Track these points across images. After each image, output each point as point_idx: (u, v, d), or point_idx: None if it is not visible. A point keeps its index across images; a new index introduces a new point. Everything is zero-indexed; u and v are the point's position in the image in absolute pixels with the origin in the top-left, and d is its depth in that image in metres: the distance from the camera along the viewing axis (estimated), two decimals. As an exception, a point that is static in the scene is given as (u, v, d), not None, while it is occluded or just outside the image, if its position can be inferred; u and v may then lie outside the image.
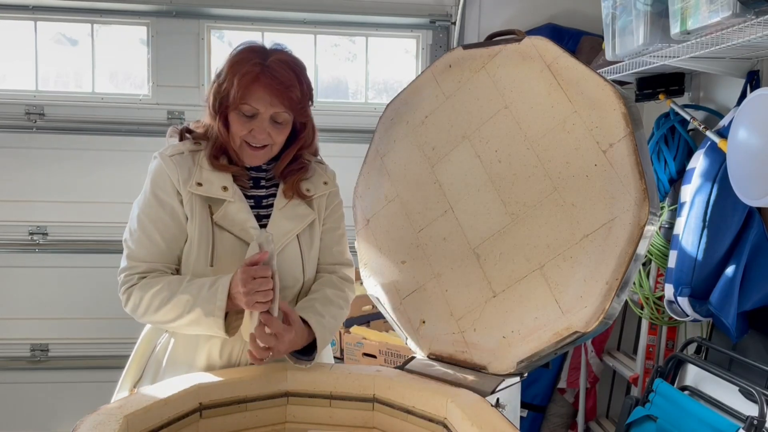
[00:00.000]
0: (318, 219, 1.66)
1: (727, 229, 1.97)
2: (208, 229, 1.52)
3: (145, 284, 1.50)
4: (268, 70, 1.48)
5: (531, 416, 2.97)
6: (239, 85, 1.47)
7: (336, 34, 3.46)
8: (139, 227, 1.53)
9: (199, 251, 1.52)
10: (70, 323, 3.23)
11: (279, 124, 1.54)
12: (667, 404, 2.01)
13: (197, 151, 1.57)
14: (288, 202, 1.60)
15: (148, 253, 1.52)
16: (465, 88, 1.62)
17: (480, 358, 1.48)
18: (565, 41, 2.97)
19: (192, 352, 1.55)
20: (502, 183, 1.51)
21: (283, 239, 1.57)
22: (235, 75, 1.48)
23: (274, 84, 1.48)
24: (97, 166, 3.18)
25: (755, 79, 2.05)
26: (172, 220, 1.53)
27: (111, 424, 1.16)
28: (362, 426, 1.48)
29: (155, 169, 1.55)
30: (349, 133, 3.29)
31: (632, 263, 1.28)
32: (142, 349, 1.63)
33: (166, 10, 3.18)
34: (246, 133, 1.52)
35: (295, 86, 1.51)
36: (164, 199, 1.53)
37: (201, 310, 1.45)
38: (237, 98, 1.48)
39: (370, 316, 2.87)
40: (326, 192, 1.68)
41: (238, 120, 1.52)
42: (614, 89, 1.36)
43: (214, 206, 1.53)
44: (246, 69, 1.48)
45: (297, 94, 1.51)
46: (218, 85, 1.52)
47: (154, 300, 1.48)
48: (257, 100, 1.49)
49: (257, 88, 1.48)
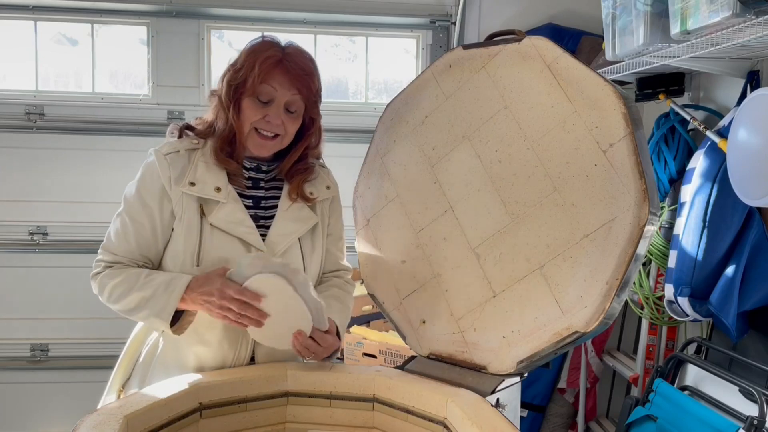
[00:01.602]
0: (321, 224, 1.66)
1: (727, 229, 1.97)
2: (196, 229, 1.52)
3: (109, 274, 1.53)
4: (289, 57, 1.52)
5: (531, 416, 2.97)
6: (260, 68, 1.49)
7: (336, 34, 3.46)
8: (120, 221, 1.56)
9: (185, 250, 1.52)
10: (70, 323, 3.23)
11: (292, 114, 1.55)
12: (667, 404, 2.01)
13: (194, 150, 1.56)
14: (291, 205, 1.60)
15: (119, 248, 1.55)
16: (465, 88, 1.62)
17: (480, 358, 1.48)
18: (565, 41, 2.97)
19: (182, 354, 1.55)
20: (502, 183, 1.51)
21: (285, 241, 1.57)
22: (256, 60, 1.50)
23: (296, 69, 1.52)
24: (97, 166, 3.19)
25: (755, 79, 2.05)
26: (148, 224, 1.53)
27: (111, 424, 1.16)
28: (362, 426, 1.48)
29: (148, 166, 1.55)
30: (349, 133, 3.29)
31: (632, 263, 1.28)
32: (132, 351, 1.64)
33: (166, 10, 3.18)
34: (259, 118, 1.52)
35: (314, 75, 1.56)
36: (147, 202, 1.53)
37: (150, 310, 1.48)
38: (256, 81, 1.50)
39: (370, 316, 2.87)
40: (329, 196, 1.69)
41: (252, 105, 1.52)
42: (614, 89, 1.36)
43: (207, 207, 1.53)
44: (268, 54, 1.51)
45: (315, 84, 1.56)
46: (234, 72, 1.53)
47: (114, 291, 1.51)
48: (277, 83, 1.51)
49: (278, 72, 1.51)
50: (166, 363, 1.55)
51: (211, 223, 1.52)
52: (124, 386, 1.61)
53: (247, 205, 1.57)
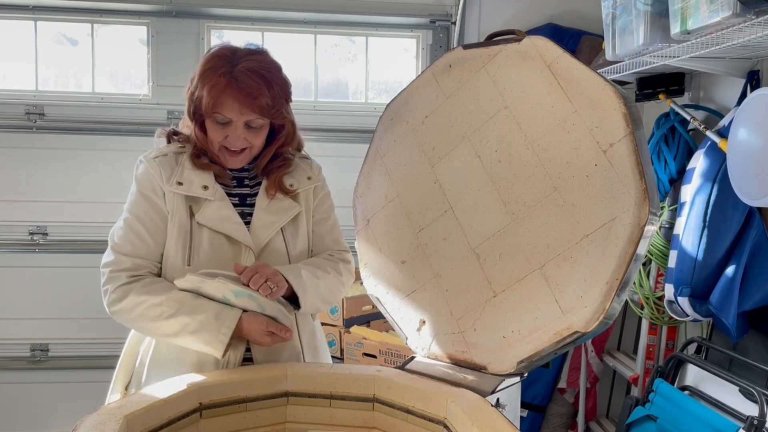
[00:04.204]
0: (305, 212, 1.67)
1: (727, 229, 1.97)
2: (186, 228, 1.54)
3: (144, 291, 1.50)
4: (235, 81, 1.49)
5: (531, 416, 2.97)
6: (209, 95, 1.49)
7: (336, 34, 3.46)
8: (126, 224, 1.55)
9: (176, 250, 1.54)
10: (70, 323, 3.23)
11: (254, 129, 1.55)
12: (667, 404, 2.01)
13: (181, 153, 1.59)
14: (270, 201, 1.61)
15: (133, 248, 1.54)
16: (465, 88, 1.62)
17: (480, 358, 1.48)
18: (565, 41, 2.97)
19: (180, 354, 1.55)
20: (502, 183, 1.51)
21: (266, 233, 1.58)
22: (205, 85, 1.50)
23: (242, 95, 1.49)
24: (97, 166, 3.18)
25: (755, 79, 2.05)
26: (158, 218, 1.55)
27: (111, 424, 1.16)
28: (362, 426, 1.48)
29: (140, 172, 1.58)
30: (349, 133, 3.29)
31: (632, 263, 1.28)
32: (129, 352, 1.64)
33: (166, 10, 3.18)
34: (222, 139, 1.54)
35: (264, 94, 1.50)
36: (151, 198, 1.55)
37: (201, 337, 1.48)
38: (209, 108, 1.50)
39: (370, 316, 2.88)
40: (311, 186, 1.69)
41: (213, 127, 1.54)
42: (614, 89, 1.36)
43: (195, 206, 1.55)
44: (214, 80, 1.49)
45: (267, 101, 1.51)
46: (191, 93, 1.55)
47: (151, 311, 1.49)
48: (228, 109, 1.50)
49: (226, 98, 1.50)
50: (165, 364, 1.56)
51: (198, 222, 1.54)
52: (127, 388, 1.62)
53: (234, 203, 1.59)
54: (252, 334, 1.51)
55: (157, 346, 1.58)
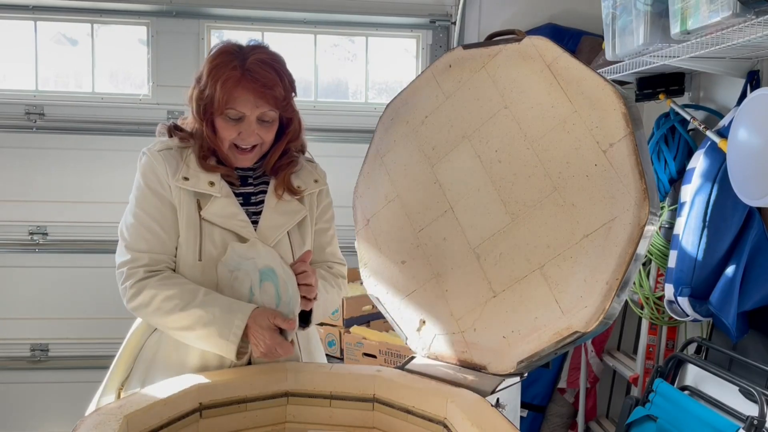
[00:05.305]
0: (310, 216, 1.67)
1: (727, 229, 1.97)
2: (195, 223, 1.54)
3: (160, 284, 1.50)
4: (249, 73, 1.48)
5: (531, 416, 2.97)
6: (222, 90, 1.48)
7: (336, 34, 3.46)
8: (136, 219, 1.54)
9: (187, 245, 1.53)
10: (70, 323, 3.23)
11: (266, 123, 1.55)
12: (667, 404, 2.01)
13: (185, 148, 1.58)
14: (278, 202, 1.61)
15: (148, 244, 1.53)
16: (465, 88, 1.62)
17: (480, 358, 1.48)
18: (565, 41, 2.97)
19: (184, 353, 1.55)
20: (502, 183, 1.51)
21: (275, 234, 1.58)
22: (217, 81, 1.49)
23: (257, 86, 1.49)
24: (97, 166, 3.19)
25: (755, 79, 2.05)
26: (168, 210, 1.54)
27: (111, 424, 1.16)
28: (362, 426, 1.48)
29: (144, 164, 1.56)
30: (349, 133, 3.29)
31: (632, 263, 1.28)
32: (130, 348, 1.62)
33: (166, 10, 3.19)
34: (235, 136, 1.53)
35: (278, 84, 1.51)
36: (158, 190, 1.54)
37: (215, 329, 1.47)
38: (222, 104, 1.49)
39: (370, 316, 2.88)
40: (317, 189, 1.69)
41: (225, 124, 1.53)
42: (614, 89, 1.36)
43: (203, 201, 1.54)
44: (227, 74, 1.48)
45: (281, 92, 1.52)
46: (200, 92, 1.53)
47: (166, 303, 1.48)
48: (242, 103, 1.50)
49: (240, 91, 1.49)
50: (167, 362, 1.55)
51: (203, 218, 1.53)
52: (123, 385, 1.61)
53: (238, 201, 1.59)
54: (254, 334, 1.49)
55: (167, 347, 1.57)
